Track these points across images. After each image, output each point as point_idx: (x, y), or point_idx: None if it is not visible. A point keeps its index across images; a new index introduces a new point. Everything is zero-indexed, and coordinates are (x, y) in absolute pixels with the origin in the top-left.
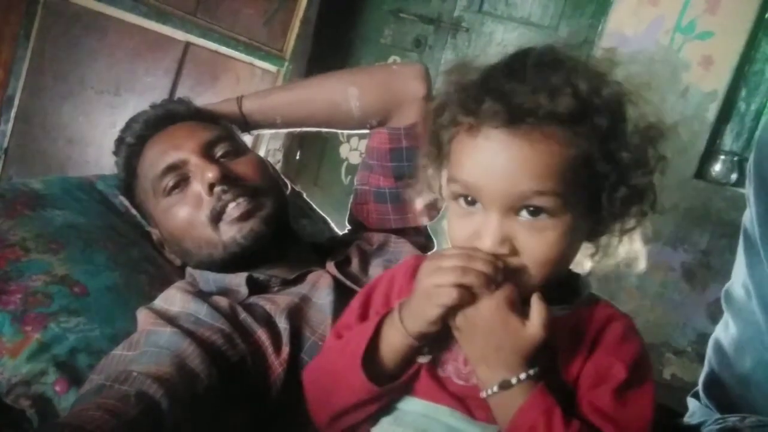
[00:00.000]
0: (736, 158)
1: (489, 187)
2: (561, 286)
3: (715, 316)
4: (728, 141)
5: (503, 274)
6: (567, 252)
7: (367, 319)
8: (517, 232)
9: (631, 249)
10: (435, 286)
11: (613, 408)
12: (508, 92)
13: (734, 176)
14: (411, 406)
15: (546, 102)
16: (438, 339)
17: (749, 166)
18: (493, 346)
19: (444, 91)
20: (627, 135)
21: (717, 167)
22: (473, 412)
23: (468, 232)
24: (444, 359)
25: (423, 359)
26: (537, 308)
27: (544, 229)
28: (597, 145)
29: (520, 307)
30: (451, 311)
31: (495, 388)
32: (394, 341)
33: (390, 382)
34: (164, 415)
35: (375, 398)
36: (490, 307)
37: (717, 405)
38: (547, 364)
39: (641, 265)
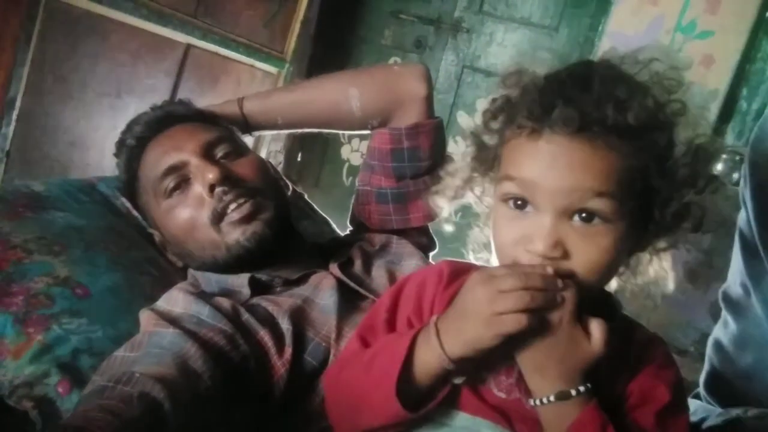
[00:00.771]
0: (738, 157)
1: (548, 185)
2: (597, 304)
3: (718, 316)
4: (730, 140)
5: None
6: (615, 261)
7: (395, 324)
8: (569, 236)
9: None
10: (497, 314)
11: (654, 429)
12: (577, 100)
13: (736, 175)
14: (452, 419)
15: (613, 113)
16: (475, 360)
17: (744, 166)
18: (556, 358)
19: (502, 95)
20: (681, 152)
21: (719, 166)
22: (514, 426)
23: (516, 235)
24: (482, 371)
25: (458, 380)
26: (598, 325)
27: (596, 234)
28: (653, 159)
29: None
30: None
31: (551, 398)
32: (429, 363)
33: (422, 401)
34: (167, 415)
35: (407, 421)
36: (556, 319)
37: (718, 400)
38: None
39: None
